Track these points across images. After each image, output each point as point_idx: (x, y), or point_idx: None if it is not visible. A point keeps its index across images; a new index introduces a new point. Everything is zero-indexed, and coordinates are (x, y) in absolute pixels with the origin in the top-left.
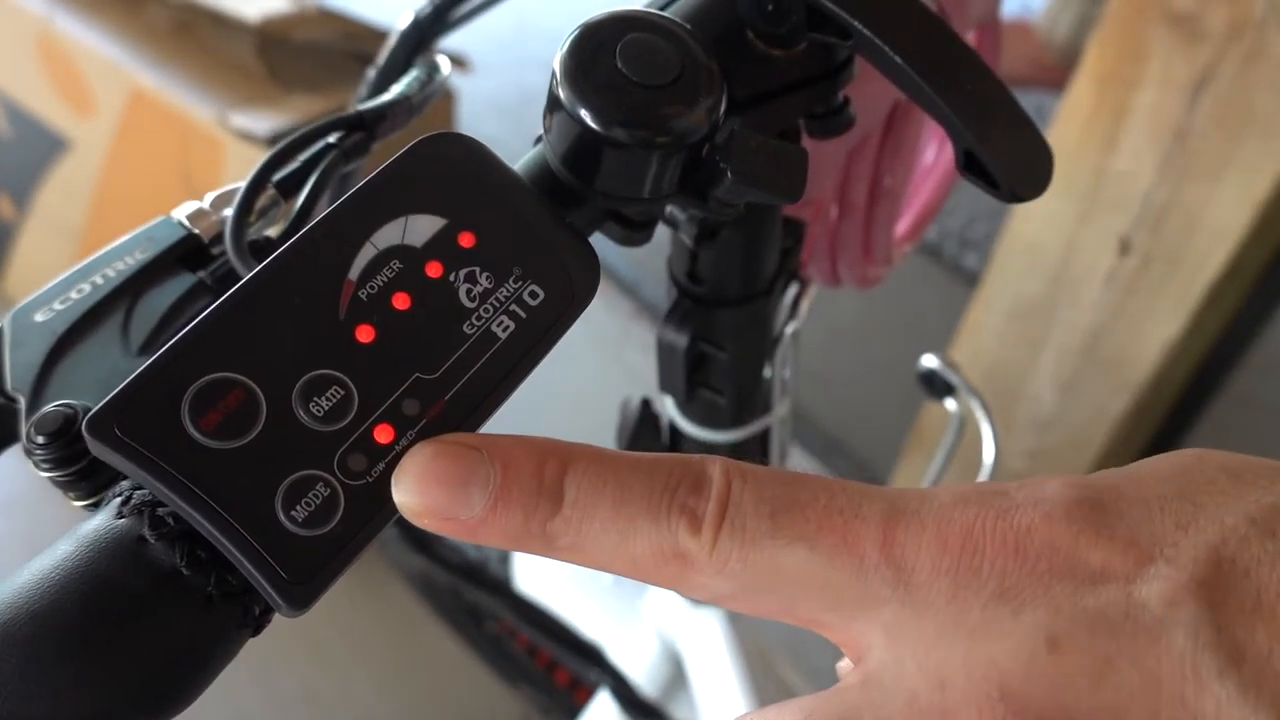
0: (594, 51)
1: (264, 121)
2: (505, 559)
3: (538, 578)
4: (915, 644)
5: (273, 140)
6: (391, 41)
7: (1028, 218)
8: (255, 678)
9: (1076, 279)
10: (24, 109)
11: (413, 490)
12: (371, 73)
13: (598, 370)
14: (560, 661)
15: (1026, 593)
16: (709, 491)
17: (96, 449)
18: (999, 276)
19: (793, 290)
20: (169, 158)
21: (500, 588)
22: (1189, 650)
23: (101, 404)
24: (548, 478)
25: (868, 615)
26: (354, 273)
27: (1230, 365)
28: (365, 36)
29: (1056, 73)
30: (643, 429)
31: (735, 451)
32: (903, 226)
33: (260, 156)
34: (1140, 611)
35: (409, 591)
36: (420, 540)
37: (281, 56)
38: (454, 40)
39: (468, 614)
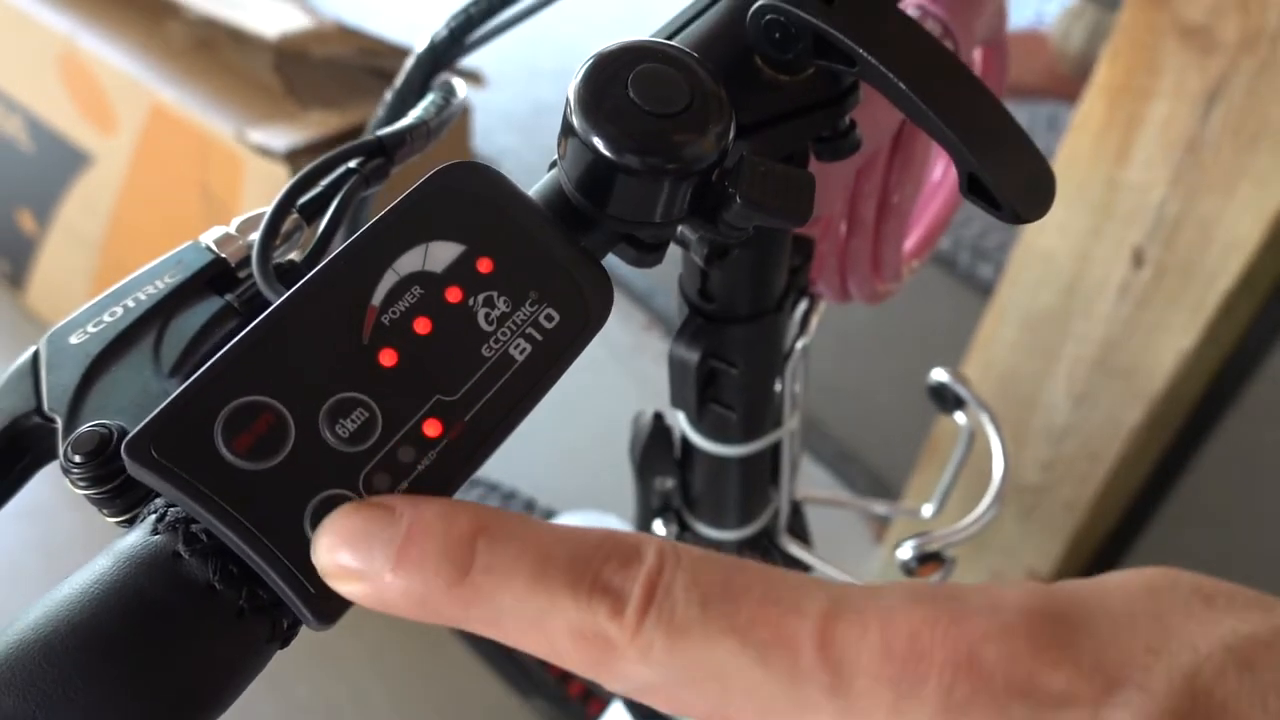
0: (607, 81)
1: (282, 137)
2: None
3: None
4: None
5: (290, 156)
6: (408, 65)
7: (1041, 229)
8: (271, 686)
9: (1090, 290)
10: (46, 124)
11: (321, 548)
12: (389, 95)
13: (612, 381)
14: (574, 673)
15: (977, 713)
16: (638, 570)
17: (135, 470)
18: (1012, 287)
19: (802, 306)
20: (188, 173)
21: None
22: None
23: (139, 428)
24: (455, 537)
25: None
26: (377, 298)
27: (1245, 376)
28: (383, 53)
29: (1070, 83)
30: (655, 443)
31: (747, 464)
32: (911, 242)
33: (278, 172)
34: None
35: None
36: None
37: (300, 73)
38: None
39: None
